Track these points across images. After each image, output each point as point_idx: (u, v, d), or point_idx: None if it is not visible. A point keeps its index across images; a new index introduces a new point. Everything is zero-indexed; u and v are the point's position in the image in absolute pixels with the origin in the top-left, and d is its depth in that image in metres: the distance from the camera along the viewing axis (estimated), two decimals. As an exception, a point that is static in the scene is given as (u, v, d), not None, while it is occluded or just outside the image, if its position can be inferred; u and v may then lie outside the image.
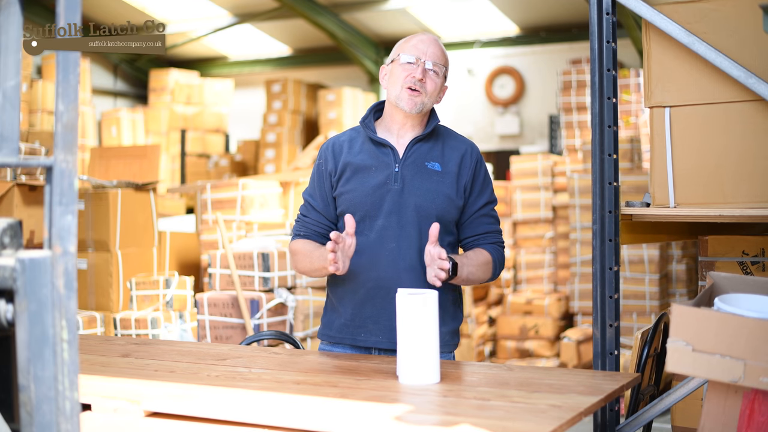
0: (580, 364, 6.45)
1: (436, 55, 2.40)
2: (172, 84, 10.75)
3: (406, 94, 2.37)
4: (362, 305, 2.39)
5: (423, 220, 2.35)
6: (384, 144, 2.41)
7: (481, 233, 2.46)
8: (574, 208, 6.97)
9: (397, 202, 2.37)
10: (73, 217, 1.14)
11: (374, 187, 2.38)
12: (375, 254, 2.36)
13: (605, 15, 2.46)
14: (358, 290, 2.39)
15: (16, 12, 1.21)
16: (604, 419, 2.43)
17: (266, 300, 4.40)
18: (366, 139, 2.45)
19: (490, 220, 2.47)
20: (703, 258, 2.69)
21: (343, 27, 10.51)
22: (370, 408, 1.72)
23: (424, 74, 2.37)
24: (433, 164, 2.41)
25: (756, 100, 2.39)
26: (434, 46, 2.41)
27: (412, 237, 2.36)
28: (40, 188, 5.02)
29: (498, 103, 10.92)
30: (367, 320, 2.39)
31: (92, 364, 2.20)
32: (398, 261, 2.36)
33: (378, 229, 2.37)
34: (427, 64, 2.37)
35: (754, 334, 1.58)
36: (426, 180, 2.38)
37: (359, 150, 2.43)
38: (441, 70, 2.41)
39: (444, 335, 2.41)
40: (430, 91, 2.39)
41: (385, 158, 2.40)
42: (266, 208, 5.71)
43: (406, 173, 2.38)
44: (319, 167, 2.48)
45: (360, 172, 2.40)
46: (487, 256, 2.42)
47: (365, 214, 2.39)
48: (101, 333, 4.93)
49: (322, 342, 2.52)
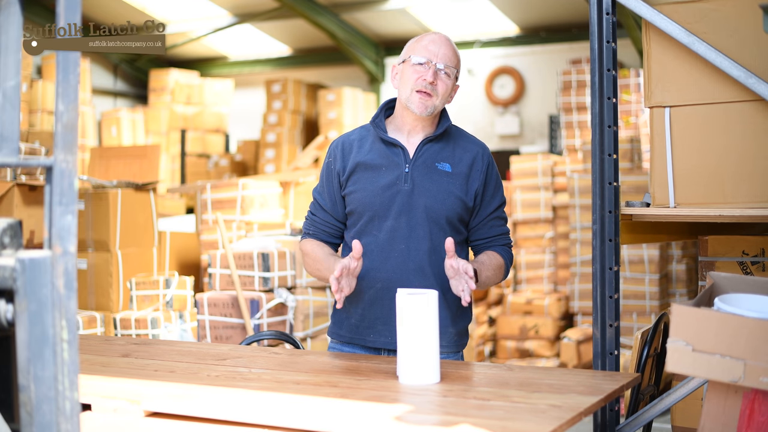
0: (580, 364, 6.45)
1: (448, 56, 2.36)
2: (172, 84, 10.76)
3: (417, 96, 2.35)
4: (371, 306, 2.38)
5: (432, 221, 2.35)
6: (394, 144, 2.40)
7: (492, 236, 2.46)
8: (574, 208, 6.97)
9: (407, 202, 2.36)
10: (73, 217, 1.14)
11: (384, 188, 2.37)
12: (384, 255, 2.36)
13: (605, 15, 2.46)
14: (367, 291, 2.38)
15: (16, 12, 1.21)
16: (604, 419, 2.43)
17: (266, 300, 4.40)
18: (376, 138, 2.43)
19: (501, 222, 2.48)
20: (703, 258, 2.69)
21: (343, 27, 10.51)
22: (370, 408, 1.72)
23: (435, 76, 2.33)
24: (443, 165, 2.39)
25: (756, 100, 2.39)
26: (445, 47, 2.38)
27: (421, 238, 2.35)
28: (40, 188, 5.02)
29: (498, 103, 10.92)
30: (376, 321, 2.39)
31: (92, 364, 2.20)
32: (407, 262, 2.35)
33: (387, 229, 2.36)
34: (438, 65, 2.35)
35: (754, 334, 1.58)
36: (436, 181, 2.37)
37: (369, 149, 2.41)
38: (452, 72, 2.38)
39: (452, 336, 2.40)
40: (441, 92, 2.36)
41: (395, 158, 2.39)
42: (266, 208, 5.71)
43: (416, 174, 2.37)
44: (328, 165, 2.47)
45: (369, 172, 2.39)
46: (499, 259, 2.43)
47: (374, 215, 2.38)
48: (101, 333, 4.93)
49: (332, 340, 2.51)
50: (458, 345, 2.45)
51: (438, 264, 2.35)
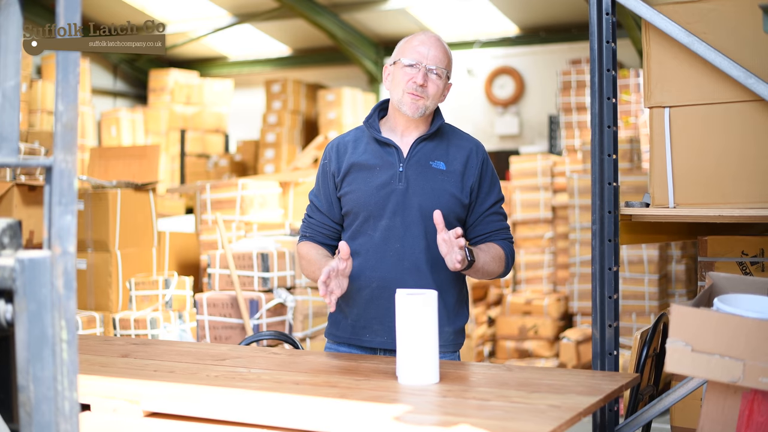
0: (580, 364, 6.45)
1: (438, 58, 2.37)
2: (171, 84, 10.76)
3: (408, 98, 2.36)
4: (367, 306, 2.38)
5: (427, 219, 2.35)
6: (388, 143, 2.41)
7: (491, 231, 2.45)
8: (574, 209, 6.97)
9: (402, 202, 2.36)
10: (73, 218, 1.14)
11: (378, 187, 2.38)
12: (379, 255, 2.36)
13: (605, 15, 2.46)
14: (362, 291, 2.38)
15: (16, 12, 1.21)
16: (603, 419, 2.43)
17: (265, 300, 4.40)
18: (370, 138, 2.43)
19: (499, 217, 2.47)
20: (702, 258, 2.69)
21: (342, 27, 10.51)
22: (369, 408, 1.72)
23: (425, 78, 2.34)
24: (437, 163, 2.40)
25: (756, 100, 2.39)
26: (435, 47, 2.38)
27: (416, 237, 2.36)
28: (39, 188, 5.01)
29: (497, 103, 10.92)
30: (372, 321, 2.39)
31: (91, 365, 2.20)
32: (403, 261, 2.36)
33: (382, 229, 2.37)
34: (428, 66, 2.35)
35: (754, 335, 1.58)
36: (430, 179, 2.38)
37: (364, 150, 2.42)
38: (443, 72, 2.38)
39: (448, 335, 2.40)
40: (432, 94, 2.37)
41: (389, 158, 2.40)
42: (266, 208, 5.71)
43: (411, 173, 2.38)
44: (323, 167, 2.48)
45: (364, 172, 2.40)
46: (498, 249, 2.42)
47: (369, 214, 2.38)
48: (100, 333, 4.93)
49: (328, 341, 2.52)
50: (455, 344, 2.45)
51: (433, 262, 2.35)
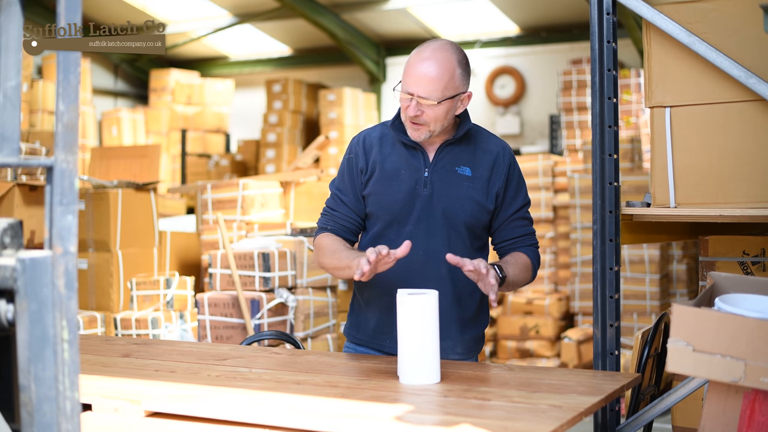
0: (581, 364, 6.45)
1: (428, 90, 2.23)
2: (172, 84, 10.76)
3: (409, 125, 2.31)
4: (388, 312, 2.32)
5: (451, 227, 2.32)
6: (414, 147, 2.35)
7: (516, 237, 2.42)
8: (575, 208, 6.97)
9: (426, 208, 2.33)
10: (74, 217, 1.14)
11: (403, 193, 2.33)
12: (402, 261, 2.26)
13: (606, 15, 2.45)
14: (383, 297, 2.35)
15: (16, 12, 1.21)
16: (604, 419, 2.43)
17: (267, 300, 4.40)
18: (396, 139, 2.38)
19: (525, 222, 2.43)
20: (703, 258, 2.69)
21: (343, 27, 10.51)
22: (370, 408, 1.72)
23: (417, 109, 2.26)
24: (463, 169, 2.35)
25: (756, 100, 2.39)
26: (426, 79, 2.23)
27: (440, 244, 2.32)
28: (40, 188, 5.02)
29: (498, 103, 10.91)
30: (393, 327, 2.35)
31: (93, 364, 2.20)
32: (425, 268, 2.33)
33: (406, 235, 2.31)
34: (421, 96, 2.24)
35: (755, 335, 1.58)
36: (456, 186, 2.33)
37: (390, 151, 2.38)
38: (439, 98, 2.25)
39: (467, 342, 2.39)
40: (432, 119, 2.27)
41: (415, 162, 2.35)
42: (267, 208, 5.71)
43: (436, 178, 2.33)
44: (349, 162, 2.42)
45: (389, 174, 2.35)
46: (525, 258, 2.39)
47: (393, 220, 2.35)
48: (102, 333, 4.93)
49: (348, 341, 2.50)
50: (474, 351, 2.43)
51: (456, 270, 2.27)
